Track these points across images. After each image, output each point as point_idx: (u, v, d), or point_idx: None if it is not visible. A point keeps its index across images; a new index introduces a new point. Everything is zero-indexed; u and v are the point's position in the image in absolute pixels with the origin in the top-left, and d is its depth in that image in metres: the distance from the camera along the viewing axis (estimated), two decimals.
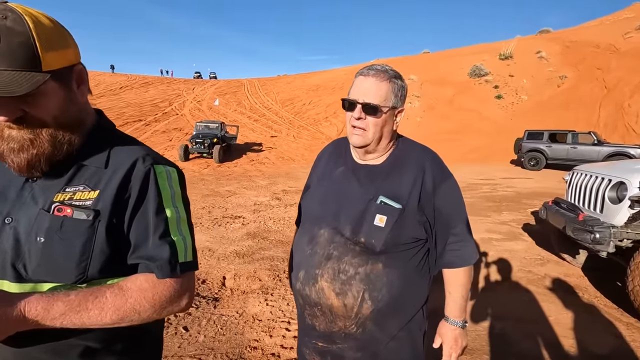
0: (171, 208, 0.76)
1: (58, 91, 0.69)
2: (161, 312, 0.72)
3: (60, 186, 0.71)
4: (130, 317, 0.69)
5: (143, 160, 0.76)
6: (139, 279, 0.71)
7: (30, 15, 0.65)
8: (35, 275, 0.67)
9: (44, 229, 0.67)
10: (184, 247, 0.76)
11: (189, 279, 0.77)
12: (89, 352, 0.71)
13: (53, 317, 0.62)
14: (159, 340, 0.90)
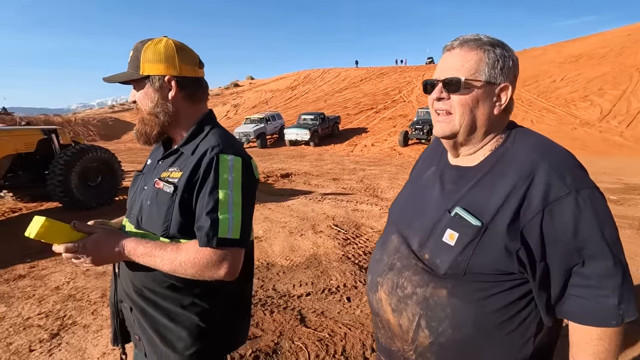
0: (225, 191, 0.91)
1: (149, 90, 0.99)
2: (201, 274, 0.90)
3: (167, 166, 1.00)
4: (179, 271, 0.90)
5: (211, 150, 0.94)
6: (191, 243, 0.91)
7: (153, 42, 0.97)
8: (144, 225, 0.99)
9: (150, 196, 0.98)
10: (228, 225, 0.89)
11: (231, 253, 0.91)
12: (175, 288, 0.98)
13: (137, 255, 0.91)
14: (238, 296, 1.09)
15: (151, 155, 1.14)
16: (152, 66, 0.97)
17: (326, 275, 3.44)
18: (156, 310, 0.99)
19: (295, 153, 15.58)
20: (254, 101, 36.09)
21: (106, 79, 1.03)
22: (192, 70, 1.02)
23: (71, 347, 2.42)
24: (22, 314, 2.89)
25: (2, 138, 5.67)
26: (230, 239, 0.90)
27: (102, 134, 30.61)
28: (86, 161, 6.17)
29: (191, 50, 1.04)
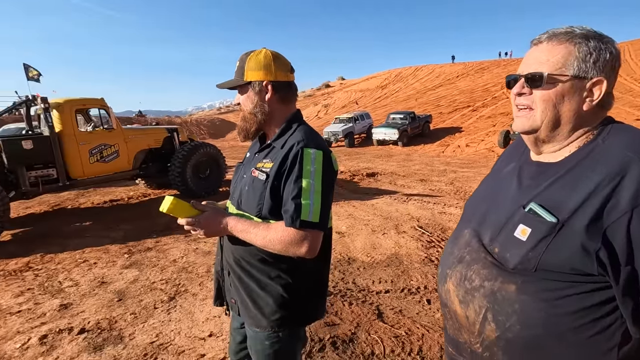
0: (308, 180, 1.05)
1: (250, 94, 1.18)
2: (286, 250, 1.05)
3: (261, 158, 1.19)
4: (268, 246, 1.06)
5: (297, 144, 1.09)
6: (279, 223, 1.07)
7: (255, 53, 1.16)
8: (243, 206, 1.18)
9: (248, 183, 1.17)
10: (309, 209, 1.03)
11: (311, 234, 1.04)
12: (264, 261, 1.15)
13: (237, 230, 1.11)
14: (317, 274, 1.22)
15: (250, 149, 1.34)
16: (254, 73, 1.16)
17: (407, 275, 3.41)
18: (250, 279, 1.18)
19: (383, 153, 15.45)
20: (343, 101, 36.79)
21: (219, 85, 1.26)
22: (285, 76, 1.19)
23: (183, 310, 2.91)
24: (149, 278, 3.55)
25: (139, 136, 6.95)
26: (310, 222, 1.03)
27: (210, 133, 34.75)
28: (198, 156, 7.16)
29: (285, 58, 1.20)
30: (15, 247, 4.67)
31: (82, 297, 3.20)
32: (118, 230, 5.26)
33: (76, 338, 2.56)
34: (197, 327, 2.65)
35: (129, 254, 4.23)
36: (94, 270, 3.82)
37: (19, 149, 5.36)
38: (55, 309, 3.01)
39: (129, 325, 2.71)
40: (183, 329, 2.63)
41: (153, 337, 2.53)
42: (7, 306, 3.10)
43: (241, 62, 1.18)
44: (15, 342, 2.56)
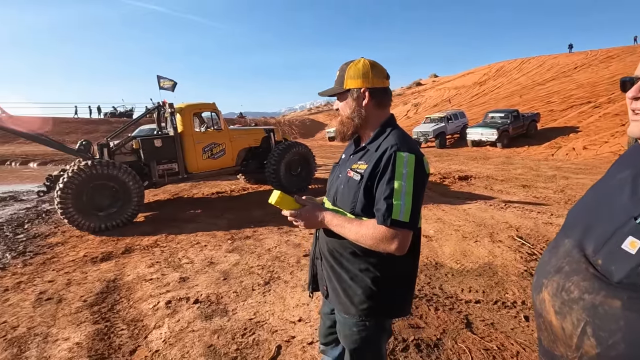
0: (400, 182, 1.11)
1: (349, 100, 1.29)
2: (377, 246, 1.13)
3: (356, 160, 1.29)
4: (360, 240, 1.16)
5: (391, 148, 1.16)
6: (371, 221, 1.15)
7: (354, 63, 1.27)
8: (338, 203, 1.30)
9: (343, 182, 1.29)
10: (400, 209, 1.09)
11: (401, 233, 1.11)
12: (355, 254, 1.26)
13: (332, 224, 1.23)
14: (404, 271, 1.28)
15: (345, 151, 1.46)
16: (353, 81, 1.27)
17: (501, 287, 3.18)
18: (341, 269, 1.30)
19: (478, 154, 14.31)
20: (435, 99, 35.00)
21: (321, 93, 1.40)
22: (381, 82, 1.28)
23: (276, 294, 3.21)
24: (248, 263, 3.99)
25: (242, 136, 7.75)
26: (401, 221, 1.10)
27: (301, 133, 36.53)
28: (291, 155, 7.67)
29: (381, 66, 1.29)
30: (147, 227, 5.69)
31: (196, 273, 3.76)
32: (223, 218, 5.99)
33: (192, 306, 3.05)
34: (288, 311, 2.91)
35: (231, 240, 4.80)
36: (205, 251, 4.44)
37: (152, 146, 6.49)
38: (177, 280, 3.61)
39: (232, 301, 3.11)
40: (276, 311, 2.92)
41: (251, 315, 2.87)
42: (143, 274, 3.83)
43: (341, 72, 1.30)
44: (149, 304, 3.16)
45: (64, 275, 3.92)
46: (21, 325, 2.87)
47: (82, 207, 5.44)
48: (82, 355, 2.43)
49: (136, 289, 3.47)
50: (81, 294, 3.42)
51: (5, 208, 7.95)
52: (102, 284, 3.62)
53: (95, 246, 4.90)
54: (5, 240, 5.38)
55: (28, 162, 17.82)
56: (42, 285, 3.66)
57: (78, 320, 2.92)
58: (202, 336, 2.60)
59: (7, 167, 17.40)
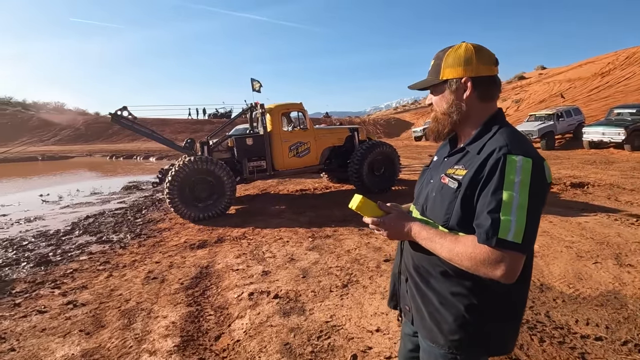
0: (510, 192, 0.89)
1: (446, 93, 1.09)
2: (476, 269, 0.92)
3: (453, 163, 1.09)
4: (454, 260, 0.96)
5: (499, 150, 0.94)
6: (469, 237, 0.95)
7: (453, 48, 1.08)
8: (428, 213, 1.12)
9: (436, 188, 1.10)
10: (510, 227, 0.87)
11: (509, 256, 0.88)
12: (446, 274, 1.06)
13: (420, 237, 1.05)
14: (510, 299, 1.03)
15: (438, 152, 1.26)
16: (452, 70, 1.08)
17: (632, 324, 2.55)
18: (428, 289, 1.12)
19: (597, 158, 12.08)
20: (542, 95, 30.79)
21: (411, 86, 1.23)
22: (488, 69, 1.06)
23: (354, 299, 3.10)
24: (327, 262, 3.97)
25: (327, 135, 7.83)
26: (510, 242, 0.88)
27: (386, 132, 35.76)
28: (375, 154, 7.48)
29: (488, 50, 1.06)
30: (237, 219, 6.11)
31: (277, 268, 3.87)
32: (305, 215, 6.11)
33: (272, 301, 3.12)
34: (365, 318, 2.78)
35: (312, 238, 4.84)
36: (287, 247, 4.57)
37: (244, 144, 6.97)
38: (260, 273, 3.76)
39: (310, 301, 3.10)
40: (353, 317, 2.81)
41: (328, 317, 2.81)
42: (231, 264, 4.09)
43: (437, 60, 1.11)
44: (234, 293, 3.34)
45: (168, 258, 4.42)
46: (132, 300, 3.30)
47: (185, 198, 6.10)
48: (175, 334, 2.67)
49: (224, 278, 3.72)
50: (179, 276, 3.79)
51: (130, 195, 9.41)
52: (197, 269, 3.97)
53: (194, 234, 5.44)
54: (128, 223, 6.34)
55: (149, 156, 20.93)
56: (151, 265, 4.18)
57: (175, 300, 3.23)
58: (279, 332, 2.63)
59: (134, 160, 20.69)
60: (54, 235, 5.72)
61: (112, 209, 7.62)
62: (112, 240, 5.35)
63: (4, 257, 4.75)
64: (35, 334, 2.78)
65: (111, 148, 27.02)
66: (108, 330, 2.78)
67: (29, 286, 3.74)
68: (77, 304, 3.26)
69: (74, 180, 13.17)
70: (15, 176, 14.69)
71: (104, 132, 32.51)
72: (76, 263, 4.40)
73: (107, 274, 3.98)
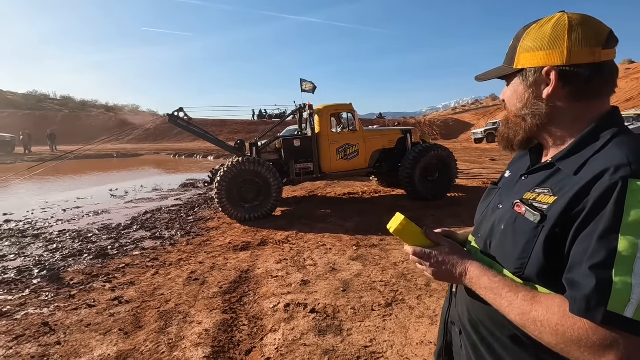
0: (633, 239, 0.55)
1: (519, 87, 0.79)
2: (565, 349, 0.60)
3: (534, 185, 0.76)
4: (530, 329, 0.65)
5: (615, 171, 0.60)
6: (557, 300, 0.63)
7: (539, 24, 0.76)
8: (493, 252, 0.80)
9: (506, 219, 0.78)
10: (630, 297, 0.54)
11: (626, 342, 0.55)
12: (518, 341, 0.75)
13: (479, 285, 0.75)
14: None
15: (511, 166, 0.94)
16: (529, 56, 0.76)
17: None
18: (490, 354, 0.81)
19: None
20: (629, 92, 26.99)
21: (478, 77, 0.92)
22: (589, 54, 0.71)
23: (398, 322, 2.77)
24: (370, 276, 3.66)
25: (376, 137, 7.48)
26: (628, 320, 0.55)
27: (442, 134, 34.01)
28: (429, 158, 6.96)
29: (596, 24, 0.72)
30: (282, 222, 6.03)
31: (317, 278, 3.66)
32: (351, 221, 5.84)
33: (308, 315, 2.91)
34: (410, 347, 2.45)
35: (356, 247, 4.56)
36: (329, 255, 4.34)
37: (292, 146, 6.88)
38: (299, 282, 3.58)
39: (349, 319, 2.84)
40: (396, 343, 2.50)
41: (367, 342, 2.53)
42: (271, 270, 3.97)
43: (515, 40, 0.79)
44: (270, 302, 3.19)
45: (211, 258, 4.43)
46: (171, 301, 3.30)
47: (233, 199, 6.16)
48: (207, 344, 2.57)
49: (263, 284, 3.60)
50: (219, 279, 3.75)
51: (186, 193, 9.87)
52: (237, 273, 3.91)
53: (239, 235, 5.45)
54: (180, 221, 6.58)
55: (207, 155, 22.07)
56: (194, 265, 4.21)
57: (212, 306, 3.17)
58: (312, 354, 2.41)
59: (194, 159, 21.96)
60: (115, 229, 6.10)
61: (169, 206, 8.01)
62: (164, 236, 5.56)
63: (71, 247, 5.13)
64: (81, 329, 2.87)
65: (175, 147, 29.03)
66: (144, 332, 2.77)
67: (85, 278, 3.96)
68: (122, 300, 3.35)
69: (140, 176, 14.25)
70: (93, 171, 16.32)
71: (170, 132, 35.05)
72: (129, 258, 4.60)
73: (154, 271, 4.08)
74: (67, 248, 5.11)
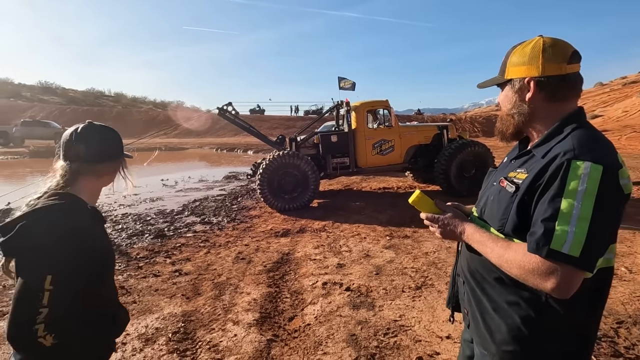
0: (570, 201, 0.81)
1: (509, 92, 1.05)
2: (525, 278, 0.87)
3: (516, 167, 1.03)
4: (504, 266, 0.92)
5: (563, 154, 0.86)
6: (522, 245, 0.90)
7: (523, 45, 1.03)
8: (485, 217, 1.08)
9: (494, 192, 1.05)
10: (566, 238, 0.80)
11: (562, 270, 0.81)
12: (501, 282, 1.01)
13: (473, 240, 1.03)
14: (572, 322, 0.93)
15: (508, 154, 1.20)
16: (515, 69, 1.02)
17: None
18: (483, 295, 1.09)
19: None
20: None
21: (479, 85, 1.19)
22: (557, 68, 0.96)
23: (426, 302, 3.02)
24: (402, 262, 3.92)
25: (412, 133, 7.61)
26: (564, 254, 0.81)
27: (484, 131, 32.74)
28: (465, 154, 7.00)
29: (565, 45, 0.97)
30: (319, 212, 6.39)
31: (352, 262, 3.98)
32: (385, 213, 6.08)
33: (343, 293, 3.24)
34: (436, 323, 2.70)
35: (390, 237, 4.81)
36: (363, 243, 4.63)
37: (329, 141, 7.21)
38: (335, 265, 3.91)
39: (380, 298, 3.13)
40: (423, 320, 2.75)
41: (397, 316, 2.81)
42: (309, 254, 4.34)
43: (505, 57, 1.06)
44: (309, 281, 3.56)
45: (255, 242, 4.89)
46: (223, 275, 3.77)
47: (273, 190, 6.62)
48: (255, 310, 2.98)
49: (302, 265, 3.97)
50: (263, 259, 4.18)
51: (229, 184, 10.55)
52: (279, 255, 4.32)
53: (280, 223, 5.88)
54: (225, 209, 7.15)
55: (248, 150, 23.00)
56: (241, 247, 4.68)
57: (258, 280, 3.59)
58: (347, 323, 2.73)
59: (235, 153, 22.98)
60: (169, 214, 6.79)
61: (214, 195, 8.66)
62: (212, 222, 6.12)
63: (134, 228, 5.83)
64: (151, 292, 3.40)
65: (217, 141, 30.44)
66: (203, 298, 3.24)
67: (148, 253, 4.56)
68: (181, 272, 3.87)
69: (187, 168, 15.29)
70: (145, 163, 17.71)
71: (212, 127, 36.77)
72: (183, 239, 5.18)
73: (205, 250, 4.60)
74: (131, 229, 5.80)
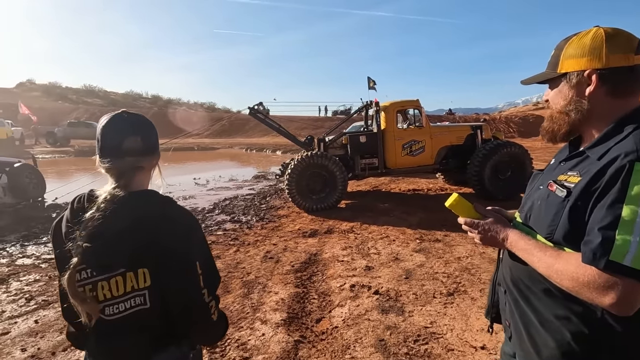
0: (633, 208, 0.73)
1: (563, 87, 0.96)
2: (579, 291, 0.79)
3: (567, 169, 0.94)
4: (554, 278, 0.84)
5: (624, 156, 0.77)
6: (574, 255, 0.81)
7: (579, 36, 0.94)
8: (531, 223, 0.99)
9: (541, 196, 0.97)
10: (628, 250, 0.72)
11: (623, 284, 0.73)
12: (549, 293, 0.92)
13: (517, 248, 0.95)
14: (633, 337, 0.84)
15: (556, 155, 1.11)
16: (572, 62, 0.93)
17: None
18: (528, 307, 1.01)
19: None
20: None
21: (524, 81, 1.11)
22: (623, 59, 0.87)
23: (459, 310, 2.91)
24: (433, 267, 3.80)
25: (444, 133, 7.39)
26: (625, 267, 0.73)
27: (520, 131, 31.30)
28: (500, 156, 6.70)
29: (629, 35, 0.87)
30: (347, 213, 6.34)
31: (381, 265, 3.90)
32: (415, 216, 5.94)
33: (372, 296, 3.18)
34: (470, 332, 2.58)
35: (420, 240, 4.69)
36: (392, 246, 4.54)
37: (358, 142, 7.14)
38: (363, 267, 3.86)
39: (410, 303, 3.04)
40: (456, 328, 2.65)
41: (427, 323, 2.71)
42: (337, 255, 4.30)
43: (557, 50, 0.97)
44: (337, 282, 3.52)
45: (283, 242, 4.92)
46: (252, 273, 3.82)
47: (301, 190, 6.64)
48: (283, 310, 2.99)
49: (330, 266, 3.95)
50: (291, 259, 4.19)
51: (258, 184, 10.72)
52: (307, 255, 4.32)
53: (307, 223, 5.89)
54: (254, 208, 7.26)
55: (276, 150, 23.30)
56: (269, 246, 4.73)
57: (286, 280, 3.60)
58: (376, 327, 2.68)
59: (264, 153, 23.35)
60: (201, 212, 6.98)
61: (244, 194, 8.83)
62: (242, 221, 6.24)
63: None
64: None
65: (247, 141, 31.07)
66: (232, 296, 3.29)
67: None
68: None
69: (218, 168, 15.70)
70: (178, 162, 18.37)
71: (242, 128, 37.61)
72: (214, 236, 5.30)
73: (235, 248, 4.68)
74: None
